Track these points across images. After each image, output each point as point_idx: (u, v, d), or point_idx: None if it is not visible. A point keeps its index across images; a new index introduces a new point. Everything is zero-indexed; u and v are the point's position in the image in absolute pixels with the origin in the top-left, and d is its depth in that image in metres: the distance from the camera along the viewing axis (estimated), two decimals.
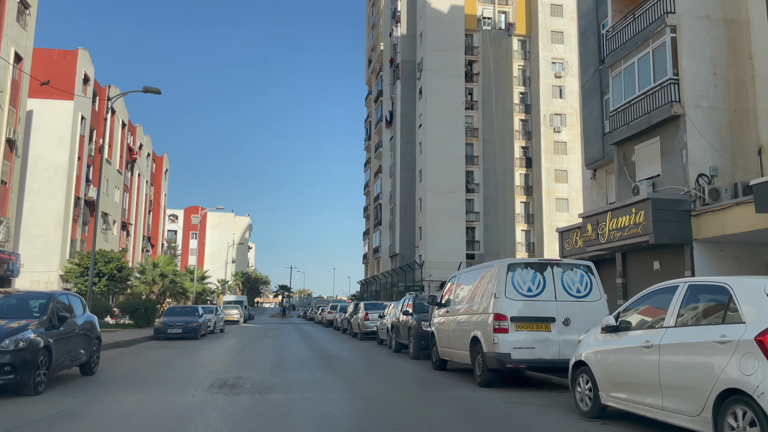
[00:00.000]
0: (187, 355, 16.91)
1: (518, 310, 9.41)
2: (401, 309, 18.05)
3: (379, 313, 23.95)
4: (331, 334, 31.72)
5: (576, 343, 9.30)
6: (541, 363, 9.33)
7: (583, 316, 9.49)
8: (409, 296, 17.90)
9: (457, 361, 11.45)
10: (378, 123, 66.01)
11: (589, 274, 9.86)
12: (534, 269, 9.71)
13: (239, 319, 46.47)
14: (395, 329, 18.10)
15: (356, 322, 25.97)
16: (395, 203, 60.48)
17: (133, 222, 57.80)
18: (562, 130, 57.62)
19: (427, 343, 15.00)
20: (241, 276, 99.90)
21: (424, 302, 17.20)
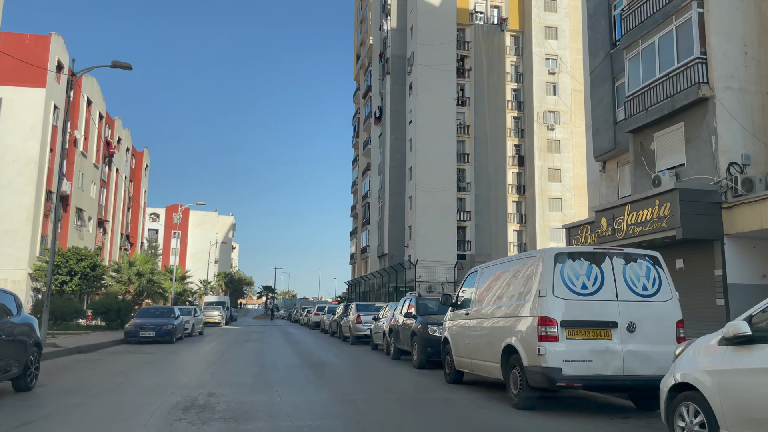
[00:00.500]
0: (155, 363, 14.60)
1: (570, 312, 7.31)
2: (401, 311, 15.89)
3: (372, 315, 21.78)
4: (318, 337, 29.48)
5: (645, 355, 7.21)
6: (600, 380, 7.22)
7: (652, 321, 7.42)
8: (410, 296, 15.74)
9: (481, 374, 9.32)
10: (366, 119, 63.86)
11: (657, 267, 7.79)
12: (589, 260, 7.60)
13: (221, 320, 44.05)
14: (394, 333, 15.93)
15: (347, 324, 23.76)
16: (384, 202, 58.35)
17: (111, 219, 55.05)
18: (555, 127, 55.88)
19: (434, 350, 12.87)
20: (224, 276, 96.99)
21: (428, 303, 15.07)
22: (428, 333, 13.07)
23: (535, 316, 7.42)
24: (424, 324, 13.31)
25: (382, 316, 19.15)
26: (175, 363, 14.90)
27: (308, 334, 32.19)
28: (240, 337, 28.97)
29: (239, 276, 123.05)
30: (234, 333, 33.36)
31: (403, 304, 15.96)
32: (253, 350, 19.62)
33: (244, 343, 24.02)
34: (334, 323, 28.50)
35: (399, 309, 16.19)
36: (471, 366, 9.53)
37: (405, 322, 14.76)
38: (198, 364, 14.68)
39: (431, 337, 12.96)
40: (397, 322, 15.79)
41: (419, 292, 45.97)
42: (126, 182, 60.00)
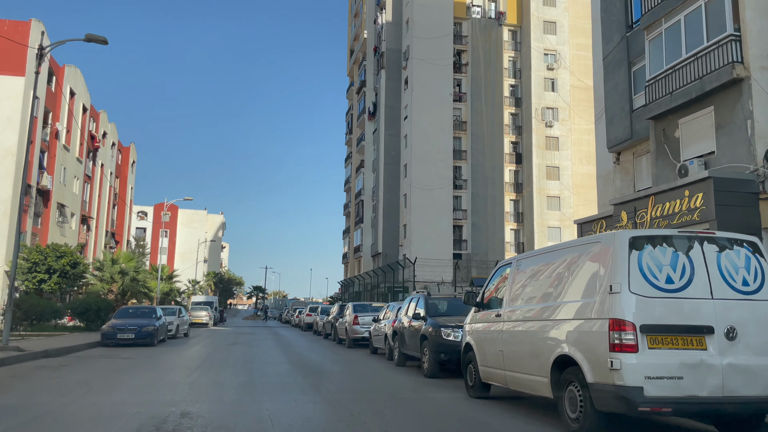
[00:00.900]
0: (127, 371, 12.75)
1: (653, 313, 5.57)
2: (406, 312, 14.11)
3: (371, 316, 20.00)
4: (311, 339, 27.64)
5: (749, 370, 5.46)
6: (695, 404, 5.45)
7: (757, 325, 5.70)
8: (417, 296, 13.96)
9: (519, 389, 7.53)
10: (360, 115, 62.06)
11: (757, 256, 6.07)
12: (674, 246, 5.84)
13: (208, 321, 42.08)
14: (398, 337, 14.15)
15: (343, 326, 21.94)
16: (378, 199, 56.57)
17: (95, 216, 52.94)
18: (554, 124, 54.34)
19: (448, 357, 11.13)
20: (213, 276, 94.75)
21: (438, 303, 13.30)
22: (441, 337, 11.31)
23: (604, 319, 5.67)
24: (437, 327, 11.54)
25: (383, 318, 17.38)
26: (151, 370, 13.04)
27: (301, 337, 30.35)
28: (227, 339, 27.09)
29: (229, 276, 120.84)
30: (221, 335, 31.46)
31: (409, 304, 14.19)
32: (240, 355, 17.78)
33: (231, 346, 22.15)
34: (329, 325, 26.68)
35: (404, 310, 14.42)
36: (504, 379, 7.77)
37: (412, 324, 12.99)
38: (177, 371, 12.83)
39: (445, 342, 11.20)
40: (402, 324, 14.01)
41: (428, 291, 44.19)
42: (111, 178, 57.88)
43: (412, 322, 12.98)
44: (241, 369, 13.27)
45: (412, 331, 12.97)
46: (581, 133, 55.11)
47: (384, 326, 16.45)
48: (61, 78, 43.50)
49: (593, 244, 6.30)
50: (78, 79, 46.57)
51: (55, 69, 42.52)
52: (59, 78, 43.26)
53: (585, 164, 54.91)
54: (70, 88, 44.65)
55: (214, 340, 25.67)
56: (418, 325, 12.59)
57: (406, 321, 13.65)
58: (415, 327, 12.70)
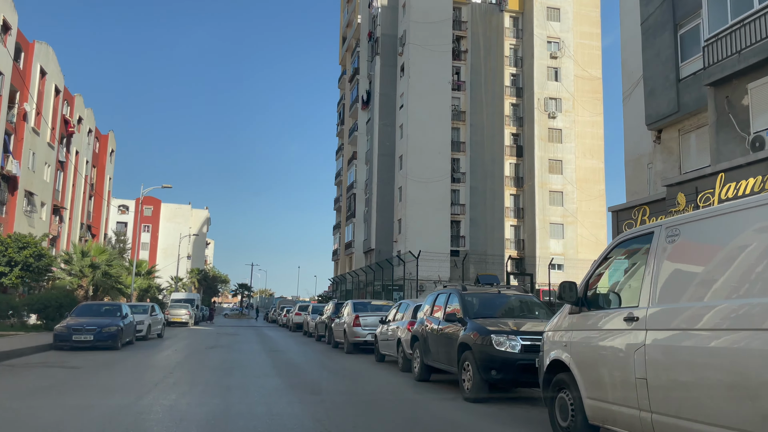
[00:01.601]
0: (63, 388, 9.47)
1: None
2: (430, 312, 10.90)
3: (376, 316, 16.81)
4: (302, 342, 24.33)
5: None
6: None
7: None
8: (448, 291, 10.70)
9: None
10: (353, 104, 58.75)
11: None
12: None
13: (188, 320, 38.62)
14: (420, 344, 10.93)
15: (340, 328, 18.66)
16: (371, 193, 53.31)
17: (69, 206, 49.19)
18: (557, 115, 51.41)
19: (502, 376, 7.95)
20: (197, 273, 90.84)
21: (474, 300, 10.08)
22: (492, 347, 8.10)
23: None
24: (485, 333, 8.32)
25: (393, 319, 14.15)
26: (91, 388, 9.75)
27: (289, 339, 27.02)
28: (207, 340, 23.74)
29: (214, 273, 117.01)
30: (201, 335, 28.08)
31: (434, 302, 10.97)
32: (218, 362, 14.48)
33: (209, 350, 18.82)
34: (322, 325, 23.39)
35: (426, 309, 11.20)
36: (646, 425, 4.57)
37: (444, 328, 9.76)
38: (127, 389, 9.53)
39: (498, 355, 8.02)
40: (425, 327, 10.79)
41: (412, 290, 41.07)
42: (88, 167, 54.11)
43: (444, 326, 9.77)
44: (215, 386, 10.00)
45: (442, 337, 9.75)
46: (585, 125, 52.31)
47: (396, 329, 13.24)
48: (31, 55, 39.82)
49: None
50: (50, 58, 42.86)
51: (23, 45, 38.84)
52: (28, 55, 39.57)
53: (588, 158, 52.12)
54: (40, 66, 40.96)
55: (191, 343, 22.32)
56: (453, 330, 9.38)
57: (432, 324, 10.44)
58: (449, 332, 9.49)
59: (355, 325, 17.11)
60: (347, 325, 17.60)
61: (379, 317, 17.02)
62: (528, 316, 9.70)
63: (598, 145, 52.63)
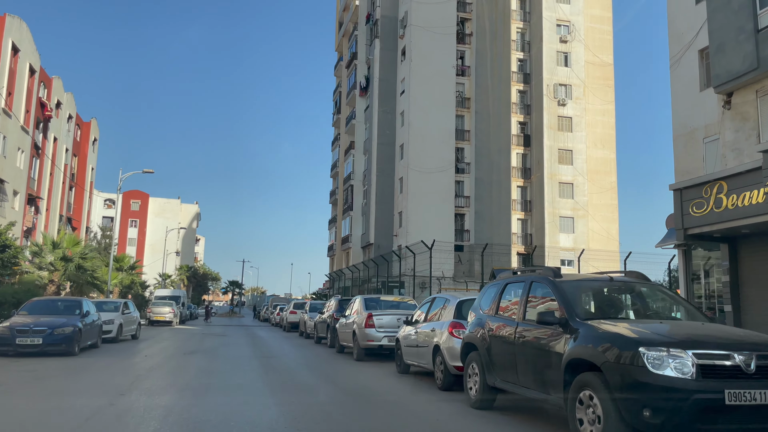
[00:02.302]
0: None
1: None
2: (498, 309, 7.46)
3: (394, 315, 13.42)
4: (300, 345, 20.85)
5: None
6: None
7: None
8: (532, 280, 7.03)
9: None
10: (350, 91, 55.25)
11: None
12: None
13: (173, 319, 35.03)
14: (483, 355, 7.45)
15: (347, 329, 15.20)
16: (370, 184, 49.88)
17: (46, 197, 45.44)
18: (567, 103, 48.17)
19: (660, 418, 4.53)
20: (186, 270, 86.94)
21: (581, 292, 6.57)
22: (645, 369, 4.68)
23: None
24: (626, 345, 4.90)
25: (424, 319, 10.74)
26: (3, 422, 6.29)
27: (285, 340, 23.51)
28: (188, 343, 20.25)
29: (204, 270, 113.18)
30: (184, 336, 24.56)
31: (502, 294, 7.52)
32: (193, 375, 11.04)
33: (187, 356, 15.36)
34: (323, 326, 19.90)
35: (492, 306, 7.72)
36: None
37: (532, 335, 6.31)
38: (55, 425, 6.04)
39: (656, 383, 4.60)
40: (489, 331, 7.35)
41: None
42: (68, 156, 50.34)
43: (529, 330, 6.33)
44: (183, 417, 6.54)
45: (527, 348, 6.31)
46: (596, 114, 49.12)
47: (431, 333, 9.83)
48: (0, 29, 36.10)
49: None
50: (23, 35, 39.15)
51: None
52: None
53: (600, 148, 48.92)
54: (12, 42, 37.24)
55: (168, 346, 18.83)
56: (548, 337, 5.95)
57: (505, 328, 6.99)
58: (541, 341, 6.05)
59: (367, 326, 13.68)
60: (357, 326, 14.15)
61: (397, 316, 13.66)
62: (663, 316, 6.31)
63: (610, 134, 49.46)
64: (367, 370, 12.40)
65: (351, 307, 15.89)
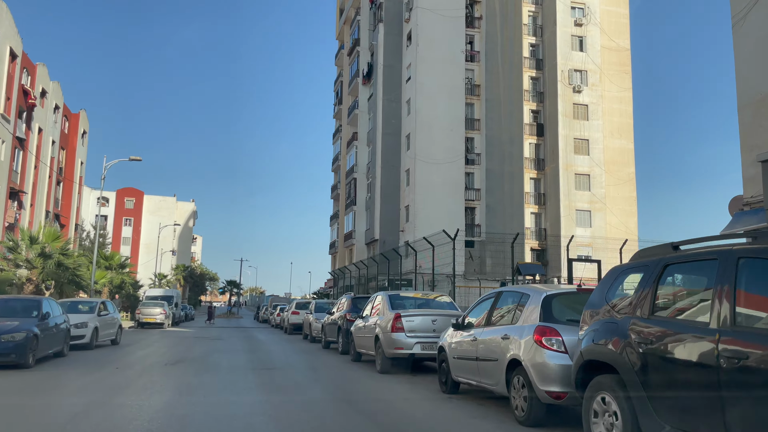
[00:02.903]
0: None
1: None
2: (666, 303, 4.46)
3: (429, 317, 10.47)
4: (306, 351, 17.87)
5: None
6: None
7: None
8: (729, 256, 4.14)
9: None
10: (353, 80, 52.26)
11: None
12: None
13: (164, 321, 32.01)
14: (633, 384, 4.50)
15: (368, 333, 12.23)
16: (375, 177, 46.93)
17: (30, 191, 42.38)
18: (583, 89, 45.29)
19: None
20: (182, 269, 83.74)
21: None
22: None
23: None
24: None
25: (484, 322, 7.78)
26: None
27: (288, 345, 20.50)
28: (176, 349, 17.28)
29: (202, 270, 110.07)
30: (173, 341, 21.58)
31: (654, 279, 4.58)
32: (169, 400, 8.10)
33: (169, 367, 12.40)
34: (333, 328, 16.90)
35: (635, 299, 4.74)
36: None
37: None
38: None
39: None
40: (647, 343, 4.37)
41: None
42: (55, 149, 47.29)
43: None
44: None
45: None
46: (612, 101, 46.24)
47: (504, 343, 6.86)
48: None
49: None
50: (3, 14, 36.13)
51: None
52: None
53: (617, 137, 46.04)
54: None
55: (150, 354, 15.86)
56: None
57: (689, 341, 4.01)
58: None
59: (395, 329, 10.72)
60: (382, 330, 11.19)
61: (431, 317, 10.74)
62: None
63: (627, 123, 46.56)
64: (399, 388, 9.44)
65: (370, 306, 12.94)
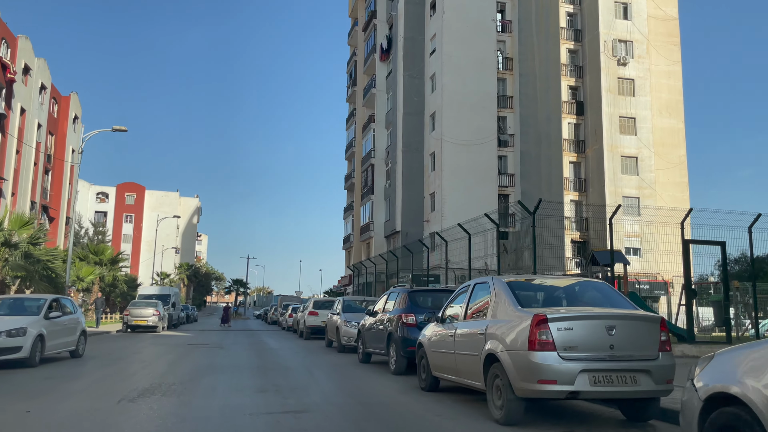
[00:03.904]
0: None
1: None
2: None
3: (605, 323, 5.22)
4: (341, 368, 12.63)
5: None
6: None
7: None
8: None
9: None
10: (368, 57, 47.13)
11: None
12: None
13: (157, 323, 26.89)
14: None
15: (464, 351, 7.07)
16: (395, 162, 41.79)
17: (11, 178, 37.43)
18: (628, 62, 40.05)
19: None
20: (186, 268, 78.75)
21: None
22: None
23: None
24: None
25: None
26: None
27: (310, 357, 15.24)
28: (155, 366, 12.16)
29: (207, 270, 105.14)
30: (158, 351, 16.45)
31: None
32: None
33: (128, 404, 7.35)
34: (378, 336, 11.68)
35: None
36: None
37: None
38: None
39: None
40: None
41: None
42: (42, 133, 42.35)
43: None
44: None
45: None
46: (660, 76, 40.98)
47: None
48: None
49: None
50: None
51: None
52: None
53: (666, 116, 40.75)
54: None
55: (116, 372, 10.78)
56: None
57: None
58: None
59: (537, 345, 5.53)
60: (506, 347, 5.96)
61: (605, 322, 5.44)
62: None
63: (677, 100, 41.27)
64: None
65: (463, 302, 7.71)
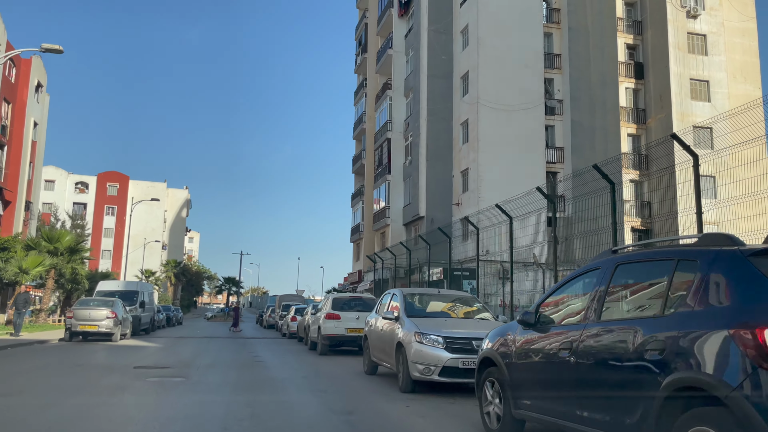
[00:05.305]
0: None
1: None
2: None
3: None
4: None
5: None
6: None
7: None
8: None
9: None
10: (384, 14, 39.77)
11: None
12: None
13: (112, 329, 19.36)
14: None
15: None
16: (417, 134, 34.43)
17: None
18: (700, 14, 32.78)
19: None
20: (174, 265, 71.03)
21: None
22: None
23: None
24: None
25: None
26: None
27: (352, 404, 7.85)
28: None
29: (198, 268, 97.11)
30: (59, 385, 8.92)
31: None
32: None
33: None
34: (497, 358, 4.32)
35: None
36: None
37: None
38: None
39: None
40: None
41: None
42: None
43: None
44: None
45: None
46: (733, 33, 33.81)
47: None
48: None
49: None
50: None
51: None
52: None
53: (741, 81, 33.51)
54: None
55: None
56: None
57: None
58: None
59: None
60: None
61: None
62: None
63: (752, 63, 34.09)
64: None
65: None
